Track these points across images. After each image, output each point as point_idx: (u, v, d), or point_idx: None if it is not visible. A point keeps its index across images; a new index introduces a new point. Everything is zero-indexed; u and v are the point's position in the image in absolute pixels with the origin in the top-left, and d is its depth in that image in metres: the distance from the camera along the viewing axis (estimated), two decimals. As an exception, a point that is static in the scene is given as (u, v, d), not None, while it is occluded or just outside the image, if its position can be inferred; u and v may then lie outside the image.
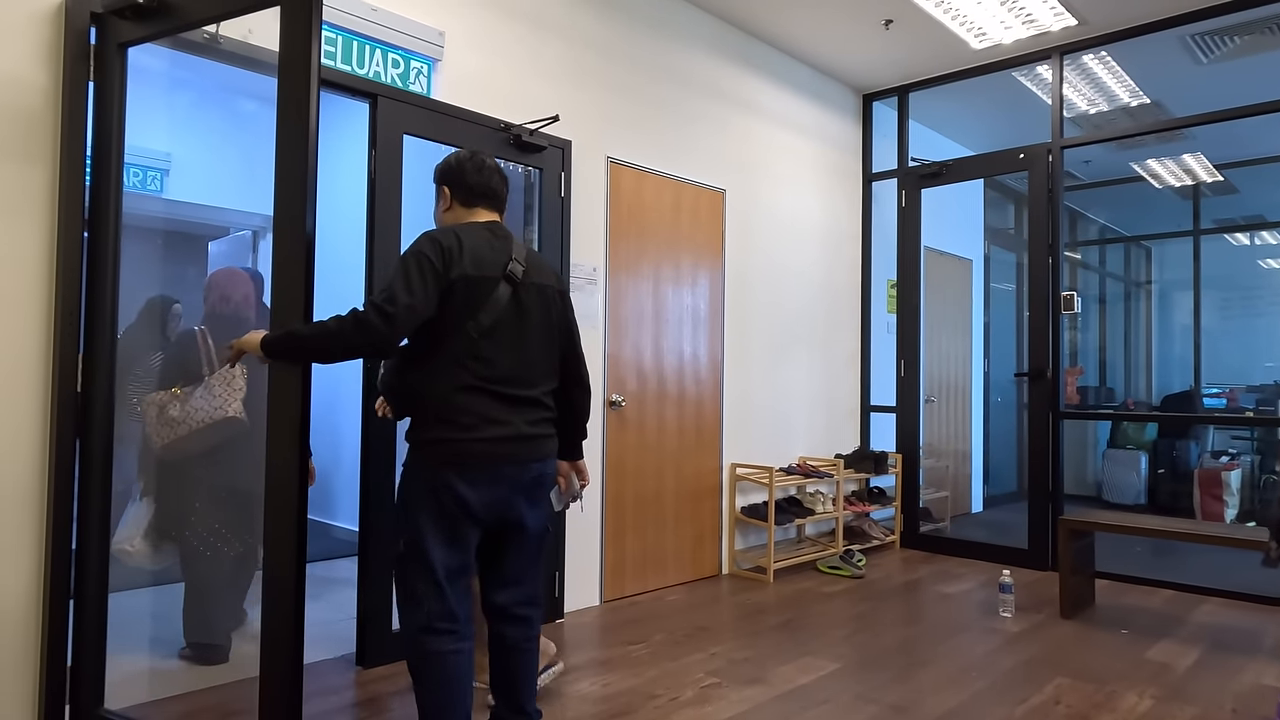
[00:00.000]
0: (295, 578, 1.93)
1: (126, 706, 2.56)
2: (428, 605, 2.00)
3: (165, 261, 5.21)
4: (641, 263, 4.14)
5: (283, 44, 2.08)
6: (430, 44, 3.25)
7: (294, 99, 2.05)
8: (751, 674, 3.02)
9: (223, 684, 2.82)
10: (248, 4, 2.21)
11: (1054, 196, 4.84)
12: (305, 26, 2.04)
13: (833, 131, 5.49)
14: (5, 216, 2.30)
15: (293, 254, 2.02)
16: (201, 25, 2.38)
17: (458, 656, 2.01)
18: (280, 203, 2.05)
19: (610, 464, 3.95)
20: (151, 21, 2.33)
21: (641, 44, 4.18)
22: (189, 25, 2.32)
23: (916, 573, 4.69)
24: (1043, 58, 4.94)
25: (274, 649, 1.95)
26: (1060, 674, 3.06)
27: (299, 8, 2.05)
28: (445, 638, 2.00)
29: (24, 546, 2.32)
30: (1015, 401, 7.60)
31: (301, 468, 1.94)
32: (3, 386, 2.29)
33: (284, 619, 1.94)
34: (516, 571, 2.17)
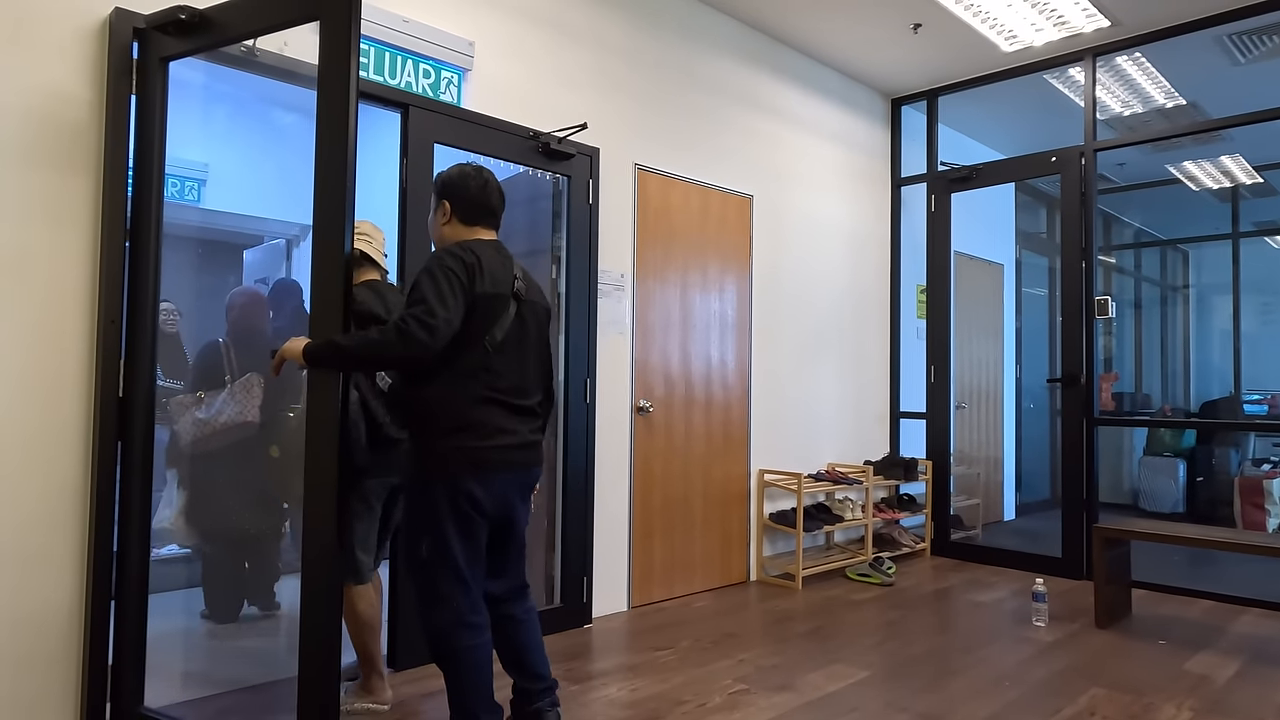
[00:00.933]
0: (331, 586, 1.97)
1: (166, 705, 2.61)
2: (456, 602, 2.13)
3: (202, 270, 5.33)
4: (669, 269, 4.15)
5: (322, 59, 2.14)
6: (460, 54, 3.29)
7: (333, 114, 2.11)
8: (780, 681, 3.00)
9: (259, 684, 2.87)
10: (287, 19, 2.28)
11: (1087, 200, 4.77)
12: (344, 42, 2.10)
13: (861, 136, 5.47)
14: (51, 227, 2.37)
15: (331, 266, 2.07)
16: (242, 40, 2.44)
17: (487, 644, 2.19)
18: (320, 216, 2.11)
19: (638, 469, 3.96)
20: (194, 36, 2.40)
21: (669, 51, 4.20)
22: (230, 40, 2.39)
23: (947, 581, 4.64)
24: (1075, 60, 4.88)
25: (312, 650, 1.99)
26: (1095, 684, 3.01)
27: (338, 23, 2.11)
28: (476, 631, 2.15)
29: (68, 548, 2.38)
30: (1048, 408, 7.48)
31: (340, 468, 2.00)
32: (49, 391, 2.36)
33: (321, 621, 1.98)
34: (509, 562, 2.33)
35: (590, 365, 3.71)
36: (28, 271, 2.33)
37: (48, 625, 2.34)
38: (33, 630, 2.32)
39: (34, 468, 2.33)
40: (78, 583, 2.40)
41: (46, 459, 2.35)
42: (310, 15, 2.19)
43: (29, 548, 2.32)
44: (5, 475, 2.28)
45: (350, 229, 2.08)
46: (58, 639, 2.36)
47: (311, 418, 2.03)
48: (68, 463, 2.39)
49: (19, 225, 2.32)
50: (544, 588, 3.70)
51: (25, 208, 2.33)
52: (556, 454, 3.66)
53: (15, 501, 2.30)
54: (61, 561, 2.37)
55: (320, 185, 2.12)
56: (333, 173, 2.11)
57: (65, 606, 2.38)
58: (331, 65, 2.12)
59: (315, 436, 2.03)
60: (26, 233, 2.33)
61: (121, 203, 2.44)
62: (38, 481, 2.33)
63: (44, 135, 2.36)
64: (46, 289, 2.36)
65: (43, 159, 2.36)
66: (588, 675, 3.03)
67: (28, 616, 2.31)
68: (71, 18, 2.41)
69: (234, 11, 2.35)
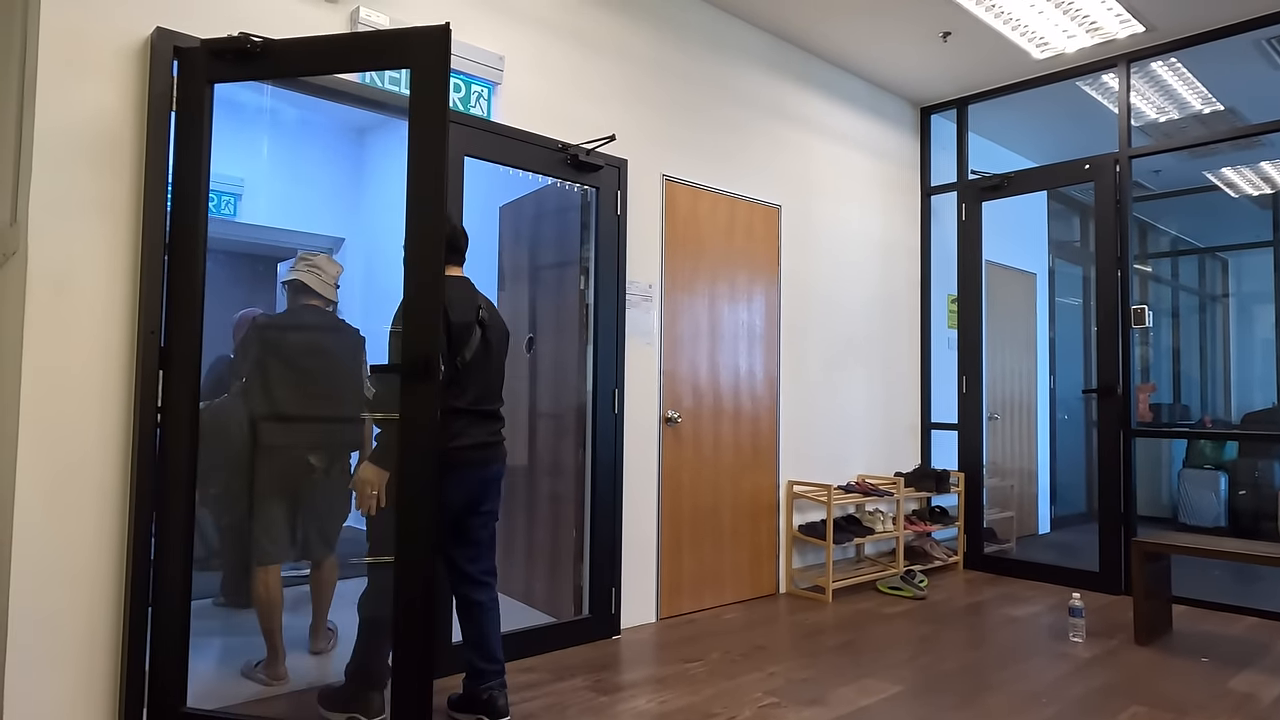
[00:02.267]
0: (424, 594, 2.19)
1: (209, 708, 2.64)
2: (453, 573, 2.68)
3: (238, 282, 5.42)
4: (697, 279, 4.15)
5: (413, 108, 2.34)
6: (491, 68, 3.33)
7: (426, 159, 2.34)
8: (811, 694, 2.97)
9: (302, 689, 2.90)
10: (375, 64, 2.43)
11: (1122, 208, 4.70)
12: (438, 92, 2.32)
13: (890, 145, 5.44)
14: (94, 239, 2.43)
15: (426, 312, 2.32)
16: (305, 75, 2.55)
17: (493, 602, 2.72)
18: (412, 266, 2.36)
19: (666, 480, 3.95)
20: (254, 65, 2.48)
21: (696, 62, 4.21)
22: (292, 74, 2.50)
23: (981, 595, 4.56)
24: (1108, 66, 4.82)
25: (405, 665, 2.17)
26: (1136, 702, 2.94)
27: (431, 73, 2.32)
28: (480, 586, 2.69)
29: (107, 555, 2.43)
30: (1083, 419, 7.35)
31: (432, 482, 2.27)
32: (92, 402, 2.41)
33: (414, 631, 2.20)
34: (480, 546, 2.71)
35: (619, 376, 3.71)
36: (73, 283, 2.39)
37: (87, 630, 2.39)
38: (74, 635, 2.37)
39: (78, 475, 2.38)
40: (116, 589, 2.44)
41: (90, 467, 2.40)
42: (401, 63, 2.38)
43: (72, 556, 2.37)
44: (52, 482, 2.34)
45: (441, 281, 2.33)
46: (97, 644, 2.41)
47: (406, 428, 2.30)
48: (109, 470, 2.44)
49: (64, 237, 2.38)
50: (573, 598, 3.70)
51: (70, 221, 2.39)
52: (585, 465, 3.67)
53: (63, 508, 2.35)
54: (101, 568, 2.42)
55: (413, 230, 2.36)
56: (427, 213, 2.34)
57: (104, 612, 2.42)
58: (423, 113, 2.33)
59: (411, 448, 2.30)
60: (71, 245, 2.39)
61: (161, 217, 2.49)
62: (82, 489, 2.39)
63: (88, 150, 2.43)
64: (90, 301, 2.42)
65: (87, 173, 2.43)
66: (616, 686, 3.02)
67: (70, 622, 2.36)
68: (114, 37, 2.48)
69: (311, 49, 2.45)
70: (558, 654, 3.39)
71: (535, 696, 2.91)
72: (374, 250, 5.53)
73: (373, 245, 5.54)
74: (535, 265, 4.15)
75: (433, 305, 2.31)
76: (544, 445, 4.01)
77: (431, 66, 2.33)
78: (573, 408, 3.80)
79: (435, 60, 2.33)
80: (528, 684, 3.04)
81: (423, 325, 2.31)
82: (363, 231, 5.62)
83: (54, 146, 2.37)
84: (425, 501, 2.30)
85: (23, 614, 2.29)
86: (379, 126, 5.61)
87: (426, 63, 2.34)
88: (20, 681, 2.29)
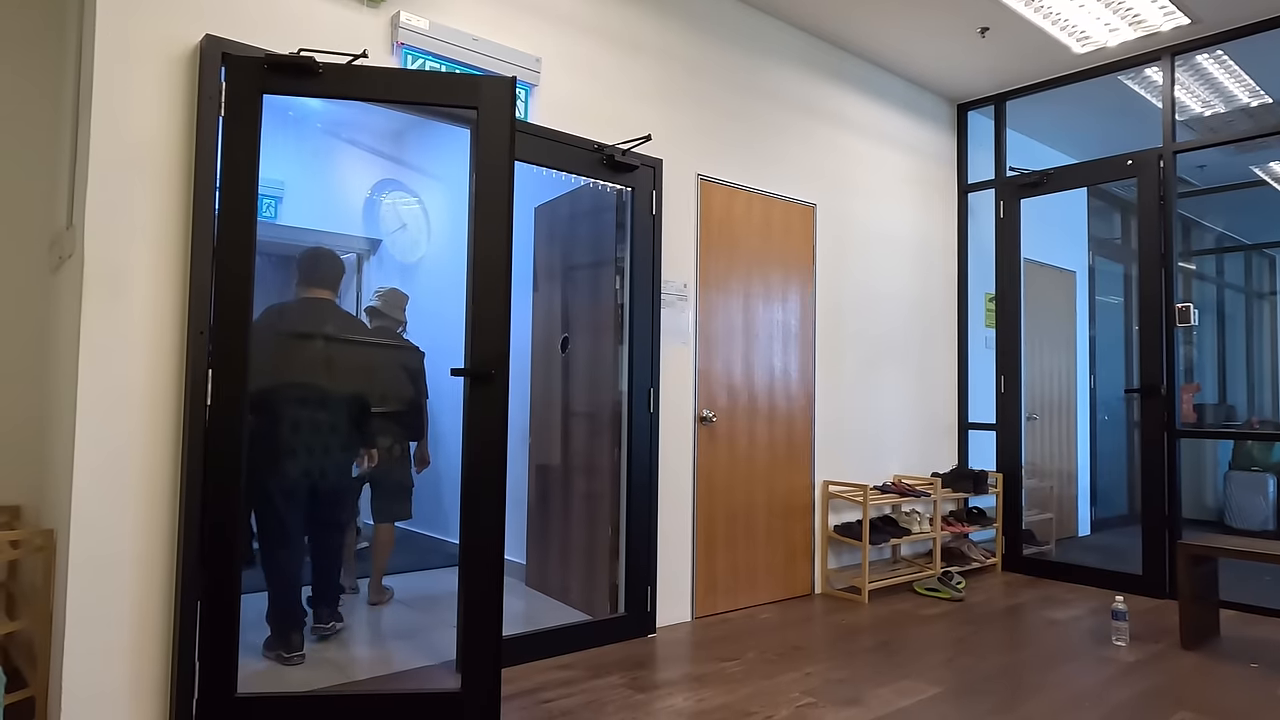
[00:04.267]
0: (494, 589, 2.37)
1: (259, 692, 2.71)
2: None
3: (279, 284, 5.52)
4: (731, 279, 4.15)
5: (480, 145, 2.64)
6: (528, 70, 3.36)
7: (491, 192, 2.64)
8: (848, 695, 2.96)
9: (350, 681, 2.95)
10: (442, 101, 2.66)
11: (1166, 204, 4.61)
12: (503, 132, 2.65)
13: (926, 142, 5.39)
14: (146, 240, 2.50)
15: (489, 328, 2.67)
16: (361, 100, 2.68)
17: None
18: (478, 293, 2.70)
19: (701, 479, 3.95)
20: (310, 84, 2.60)
21: (731, 62, 4.21)
22: (346, 96, 2.63)
23: (1020, 597, 4.50)
24: (1152, 59, 4.72)
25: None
26: (1183, 708, 2.88)
27: (497, 114, 2.66)
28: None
29: (160, 549, 2.50)
30: (1124, 419, 7.21)
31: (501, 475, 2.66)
32: (144, 399, 2.48)
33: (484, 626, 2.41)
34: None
35: (654, 375, 3.73)
36: (126, 285, 2.46)
37: (141, 619, 2.46)
38: (128, 625, 2.44)
39: (132, 469, 2.45)
40: (168, 580, 2.51)
41: (142, 461, 2.47)
42: (469, 103, 2.67)
43: (125, 547, 2.44)
44: (107, 475, 2.41)
45: (508, 307, 2.69)
46: (150, 632, 2.48)
47: (470, 424, 2.66)
48: (161, 465, 2.50)
49: (117, 240, 2.45)
50: (608, 596, 3.72)
51: (123, 224, 2.46)
52: (620, 464, 3.69)
53: (118, 501, 2.42)
54: (153, 560, 2.49)
55: (478, 260, 2.69)
56: (491, 248, 2.69)
57: (156, 601, 2.49)
58: (488, 150, 2.66)
59: (476, 443, 2.65)
60: (124, 247, 2.46)
61: (210, 220, 2.56)
62: (136, 482, 2.45)
63: (141, 155, 2.50)
64: (142, 301, 2.49)
65: (139, 178, 2.49)
66: (653, 684, 3.03)
67: (124, 612, 2.43)
68: (165, 45, 2.54)
69: (376, 76, 2.64)
70: (593, 651, 3.42)
71: (573, 693, 2.93)
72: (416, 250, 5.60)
73: (414, 246, 5.61)
74: (570, 265, 4.17)
75: (495, 323, 2.69)
76: (579, 444, 4.03)
77: (498, 110, 2.68)
78: (608, 407, 3.82)
79: (500, 102, 2.68)
80: (564, 680, 3.06)
81: (485, 339, 2.69)
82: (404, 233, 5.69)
83: (108, 152, 2.44)
84: (491, 495, 2.66)
85: (80, 604, 2.37)
86: (415, 128, 5.67)
87: (493, 104, 2.68)
88: (77, 669, 2.36)
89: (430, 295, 5.43)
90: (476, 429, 2.67)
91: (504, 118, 2.67)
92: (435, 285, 5.45)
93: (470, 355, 2.69)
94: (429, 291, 5.46)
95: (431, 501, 5.43)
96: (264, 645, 3.27)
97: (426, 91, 2.64)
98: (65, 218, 2.80)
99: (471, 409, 2.68)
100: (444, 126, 4.73)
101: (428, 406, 4.20)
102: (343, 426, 3.42)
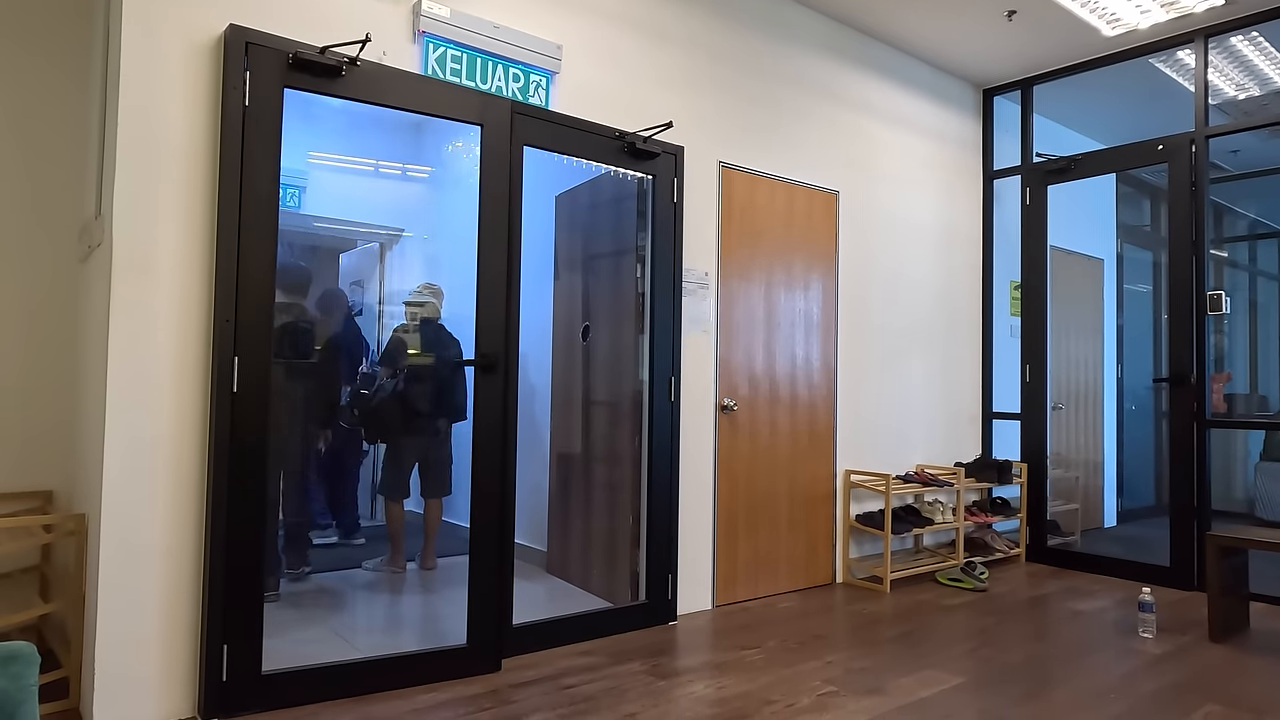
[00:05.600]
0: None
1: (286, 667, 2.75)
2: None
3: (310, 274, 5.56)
4: (753, 267, 4.12)
5: (483, 159, 3.02)
6: (549, 57, 3.35)
7: (492, 206, 3.00)
8: (870, 684, 2.95)
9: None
10: (452, 115, 2.96)
11: (1198, 190, 4.52)
12: (503, 148, 3.05)
13: (951, 128, 5.32)
14: (172, 232, 2.53)
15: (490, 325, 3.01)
16: (383, 105, 2.85)
17: None
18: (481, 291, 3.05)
19: (722, 468, 3.95)
20: (331, 84, 2.72)
21: (754, 48, 4.17)
22: (367, 101, 2.79)
23: (1044, 588, 4.46)
24: (1184, 42, 4.62)
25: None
26: (1211, 700, 2.85)
27: (498, 131, 3.07)
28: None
29: (187, 536, 2.54)
30: (1152, 409, 7.11)
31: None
32: (172, 385, 2.51)
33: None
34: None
35: (675, 364, 3.72)
36: (154, 272, 2.49)
37: (170, 600, 2.50)
38: (157, 606, 2.48)
39: (160, 454, 2.49)
40: (196, 562, 2.55)
41: (170, 446, 2.51)
42: (474, 120, 3.04)
43: (153, 530, 2.48)
44: (137, 460, 2.45)
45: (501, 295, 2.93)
46: (179, 615, 2.52)
47: (477, 410, 3.02)
48: (188, 449, 2.54)
49: (145, 228, 2.48)
50: (629, 584, 3.73)
51: (150, 213, 2.49)
52: (641, 452, 3.69)
53: (147, 484, 2.46)
54: (181, 541, 2.53)
55: (482, 262, 3.04)
56: (493, 248, 3.05)
57: (185, 583, 2.53)
58: (490, 162, 3.05)
59: (481, 427, 3.00)
60: (151, 236, 2.49)
61: (234, 210, 2.58)
62: (164, 467, 2.49)
63: (166, 145, 2.52)
64: (169, 289, 2.52)
65: (165, 167, 2.52)
66: (674, 671, 3.04)
67: (153, 593, 2.48)
68: (189, 35, 2.56)
69: (391, 85, 2.85)
70: (614, 639, 3.43)
71: (594, 680, 2.94)
72: (434, 240, 5.62)
73: (433, 235, 5.63)
74: (590, 254, 4.17)
75: (495, 321, 3.05)
76: (600, 433, 4.04)
77: (498, 127, 3.07)
78: (628, 396, 3.82)
79: (501, 122, 3.08)
80: (586, 666, 3.08)
81: (490, 332, 3.04)
82: (422, 223, 5.71)
83: (135, 141, 2.47)
84: (493, 472, 3.03)
85: (111, 587, 2.41)
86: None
87: (495, 122, 3.07)
88: (109, 650, 2.41)
89: (456, 292, 5.45)
90: (481, 413, 3.04)
91: (503, 136, 3.09)
92: (461, 283, 5.46)
93: (476, 347, 3.02)
94: (455, 289, 5.47)
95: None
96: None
97: (436, 104, 2.95)
98: (95, 207, 2.83)
99: (478, 396, 3.03)
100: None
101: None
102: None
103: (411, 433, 4.37)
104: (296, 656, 3.04)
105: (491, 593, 3.06)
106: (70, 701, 2.60)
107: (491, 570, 3.06)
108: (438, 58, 3.08)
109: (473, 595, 3.02)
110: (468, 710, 2.65)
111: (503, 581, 3.15)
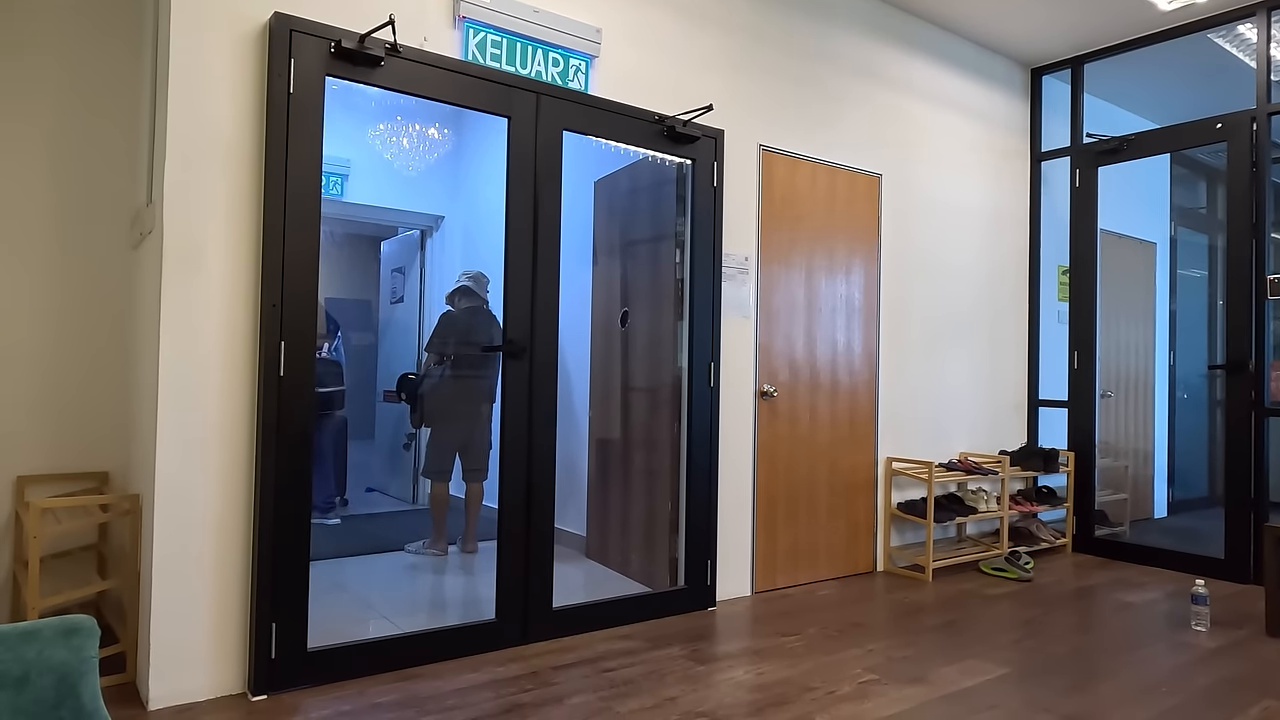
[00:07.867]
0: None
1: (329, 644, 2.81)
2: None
3: (344, 259, 5.65)
4: (794, 251, 4.08)
5: (511, 150, 3.10)
6: (588, 41, 3.34)
7: (519, 196, 3.08)
8: (912, 673, 2.92)
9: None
10: (479, 107, 3.04)
11: (1259, 170, 4.35)
12: (529, 139, 3.12)
13: (997, 109, 5.19)
14: (220, 219, 2.57)
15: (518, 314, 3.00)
16: (420, 96, 2.92)
17: None
18: (508, 280, 3.13)
19: (761, 454, 3.92)
20: (371, 73, 2.78)
21: (794, 29, 4.11)
22: (405, 92, 2.88)
23: (1091, 579, 4.37)
24: (1246, 15, 4.45)
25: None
26: (1268, 696, 2.77)
27: (524, 123, 3.12)
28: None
29: (239, 515, 2.60)
30: (1205, 398, 6.89)
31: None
32: (221, 367, 2.57)
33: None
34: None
35: (715, 349, 3.70)
36: (202, 259, 2.54)
37: (221, 579, 2.57)
38: (209, 584, 2.55)
39: (211, 434, 2.55)
40: (245, 541, 2.61)
41: (221, 427, 2.56)
42: (503, 112, 3.10)
43: (205, 510, 2.54)
44: (189, 440, 2.51)
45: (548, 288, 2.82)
46: (229, 591, 2.58)
47: (505, 394, 3.10)
48: (238, 430, 2.59)
49: (193, 216, 2.53)
50: (668, 570, 3.73)
51: (198, 200, 2.54)
52: (680, 438, 3.68)
53: (198, 465, 2.52)
54: (231, 522, 2.59)
55: (510, 255, 3.12)
56: (521, 256, 3.14)
57: (235, 562, 2.59)
58: (516, 154, 3.13)
59: (510, 411, 3.10)
60: (200, 223, 2.54)
61: (280, 197, 2.62)
62: (215, 448, 2.55)
63: (214, 134, 2.56)
64: (218, 275, 2.57)
65: (213, 156, 2.56)
66: (714, 657, 3.04)
67: (205, 572, 2.54)
68: (236, 23, 2.60)
69: (431, 75, 2.94)
70: (653, 623, 3.44)
71: (633, 663, 2.96)
72: (472, 226, 5.65)
73: (471, 221, 5.67)
74: (629, 240, 4.16)
75: (522, 310, 3.14)
76: (638, 419, 4.04)
77: (524, 118, 3.14)
78: (667, 382, 3.81)
79: (527, 116, 3.15)
80: (625, 650, 3.09)
81: (516, 320, 3.11)
82: (461, 209, 5.75)
83: (184, 130, 2.51)
84: (520, 449, 3.12)
85: (165, 565, 2.48)
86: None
87: (521, 114, 3.14)
88: (163, 626, 2.48)
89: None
90: (509, 397, 3.15)
91: (528, 131, 3.16)
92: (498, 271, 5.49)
93: (504, 334, 3.13)
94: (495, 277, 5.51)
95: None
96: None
97: (468, 96, 3.02)
98: (145, 194, 2.90)
99: (505, 380, 3.13)
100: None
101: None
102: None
103: (455, 417, 4.44)
104: (338, 634, 3.10)
105: (519, 567, 3.13)
106: (127, 675, 2.68)
107: (519, 544, 3.14)
108: (478, 43, 3.08)
109: (501, 569, 3.08)
110: (510, 691, 2.68)
111: (538, 561, 3.17)
